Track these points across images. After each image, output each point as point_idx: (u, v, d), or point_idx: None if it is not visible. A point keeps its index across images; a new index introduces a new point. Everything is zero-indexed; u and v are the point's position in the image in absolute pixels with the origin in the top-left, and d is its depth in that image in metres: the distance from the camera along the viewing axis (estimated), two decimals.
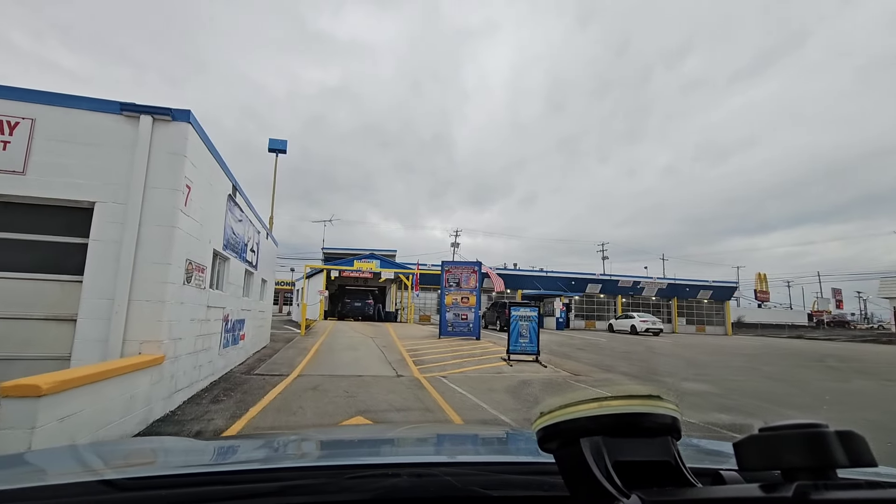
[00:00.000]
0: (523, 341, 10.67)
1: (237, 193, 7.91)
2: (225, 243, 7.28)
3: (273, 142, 16.58)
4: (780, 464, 0.56)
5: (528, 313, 10.79)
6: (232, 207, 7.62)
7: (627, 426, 0.63)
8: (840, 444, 0.53)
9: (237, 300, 8.54)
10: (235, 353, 8.70)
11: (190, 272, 5.55)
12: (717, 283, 39.98)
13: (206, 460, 1.23)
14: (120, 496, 0.78)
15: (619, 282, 37.67)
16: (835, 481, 0.54)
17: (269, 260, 13.00)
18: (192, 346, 5.86)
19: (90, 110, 4.89)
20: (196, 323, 5.98)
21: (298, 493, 0.84)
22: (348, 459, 1.23)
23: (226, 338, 7.78)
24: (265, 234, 11.82)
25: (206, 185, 5.99)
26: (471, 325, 15.18)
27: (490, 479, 0.90)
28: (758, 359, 14.79)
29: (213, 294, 6.76)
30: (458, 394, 6.98)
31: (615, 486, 0.59)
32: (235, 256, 8.16)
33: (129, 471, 0.99)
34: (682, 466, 0.65)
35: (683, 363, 12.49)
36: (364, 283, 31.84)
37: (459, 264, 15.77)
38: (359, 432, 2.23)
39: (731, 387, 8.63)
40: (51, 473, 1.01)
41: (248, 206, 9.31)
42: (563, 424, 0.64)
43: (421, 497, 0.86)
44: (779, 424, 0.57)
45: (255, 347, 11.30)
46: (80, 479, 0.85)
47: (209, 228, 6.32)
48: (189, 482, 0.85)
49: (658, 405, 0.64)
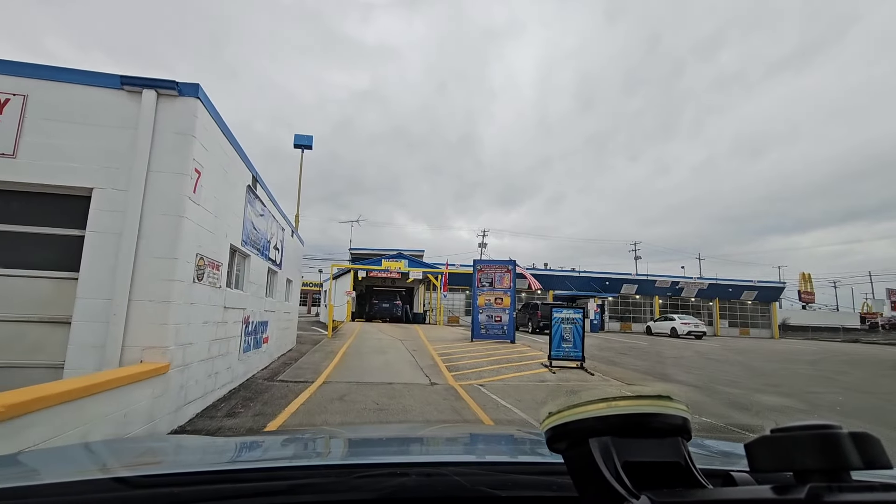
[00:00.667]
0: (566, 346, 9.74)
1: (258, 185, 7.32)
2: (244, 239, 6.69)
3: (298, 137, 16.09)
4: (793, 465, 0.55)
5: (572, 315, 9.85)
6: (252, 200, 7.03)
7: (637, 426, 0.61)
8: (854, 446, 0.52)
9: (259, 301, 7.96)
10: (258, 357, 8.13)
11: (202, 269, 4.93)
12: (763, 283, 37.68)
13: (217, 459, 1.23)
14: (132, 494, 0.79)
15: (657, 282, 35.93)
16: (849, 483, 0.53)
17: (295, 259, 12.48)
18: (205, 351, 5.25)
19: (88, 85, 4.32)
20: (211, 326, 5.37)
21: (307, 492, 0.84)
22: (357, 458, 1.25)
23: (247, 341, 7.19)
24: (290, 232, 11.29)
25: (219, 171, 5.37)
26: (505, 328, 14.29)
27: (498, 479, 0.89)
28: (824, 366, 13.35)
29: (231, 294, 6.15)
30: (501, 407, 6.15)
31: (624, 487, 0.57)
32: (257, 254, 7.57)
33: (141, 468, 1.00)
34: (692, 467, 0.63)
35: (745, 371, 11.26)
36: (392, 283, 31.31)
37: (492, 263, 14.90)
38: (368, 431, 2.23)
39: (815, 401, 7.48)
40: (64, 471, 1.02)
41: (272, 201, 8.74)
42: (572, 424, 0.62)
43: (429, 496, 0.85)
44: (791, 425, 0.56)
45: (281, 350, 10.76)
46: (93, 476, 0.89)
47: (225, 221, 5.71)
48: (199, 480, 0.86)
49: (668, 405, 0.62)
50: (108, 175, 4.25)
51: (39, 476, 0.93)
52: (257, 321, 7.88)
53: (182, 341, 4.53)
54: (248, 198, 6.76)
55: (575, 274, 35.14)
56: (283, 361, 9.84)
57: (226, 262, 5.84)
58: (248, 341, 7.31)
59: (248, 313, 7.19)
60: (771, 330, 37.68)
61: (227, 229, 5.84)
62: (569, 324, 9.80)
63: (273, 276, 9.64)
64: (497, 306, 14.41)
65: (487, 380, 8.24)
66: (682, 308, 36.77)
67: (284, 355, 10.94)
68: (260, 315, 8.06)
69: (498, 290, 14.51)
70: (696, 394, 7.84)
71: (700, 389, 8.25)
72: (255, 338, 7.82)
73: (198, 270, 4.83)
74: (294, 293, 12.65)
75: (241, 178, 6.41)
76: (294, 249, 12.19)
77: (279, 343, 10.46)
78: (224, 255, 5.75)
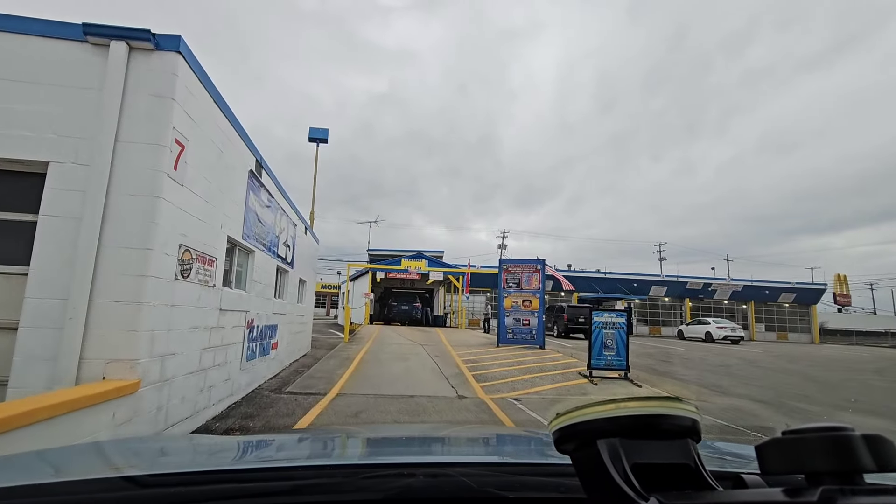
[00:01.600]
0: (609, 354, 8.67)
1: (263, 172, 6.51)
2: (246, 231, 5.87)
3: (314, 131, 15.33)
4: (805, 468, 0.54)
5: (614, 319, 8.77)
6: (256, 188, 6.22)
7: (646, 428, 0.61)
8: (867, 449, 0.51)
9: (266, 302, 7.15)
10: (265, 365, 7.32)
11: (188, 263, 4.10)
12: (802, 284, 35.61)
13: (225, 458, 1.23)
14: (140, 493, 0.79)
15: (688, 284, 34.25)
16: (861, 486, 0.52)
17: (309, 258, 11.71)
18: (195, 362, 4.42)
19: (43, 36, 3.53)
20: (202, 332, 4.54)
21: (314, 492, 0.84)
22: (363, 459, 1.29)
23: (251, 348, 6.38)
24: (303, 229, 10.51)
25: (212, 149, 4.55)
26: (534, 332, 13.23)
27: (505, 479, 0.89)
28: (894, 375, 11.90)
29: (229, 294, 5.33)
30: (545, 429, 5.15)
31: (633, 489, 0.56)
32: (263, 250, 6.76)
33: (149, 467, 1.01)
34: (702, 469, 0.63)
35: (809, 383, 9.98)
36: (411, 285, 30.43)
37: (520, 262, 13.85)
38: (375, 431, 2.19)
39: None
40: (74, 469, 1.02)
41: (281, 193, 7.94)
42: (580, 425, 0.62)
43: (436, 497, 0.84)
44: (803, 427, 0.55)
45: (293, 356, 9.97)
46: (102, 475, 0.89)
47: (221, 209, 4.89)
48: (207, 480, 0.86)
49: (677, 407, 0.61)
50: (68, 147, 3.44)
51: (49, 474, 0.94)
52: (264, 325, 7.06)
53: (160, 352, 3.68)
54: (250, 185, 5.94)
55: (601, 275, 33.73)
56: (295, 369, 9.03)
57: (222, 257, 5.02)
58: (253, 348, 6.50)
59: (253, 316, 6.38)
60: (811, 334, 35.55)
61: (224, 219, 5.02)
62: (611, 329, 8.73)
63: (283, 276, 8.83)
64: (525, 309, 13.35)
65: (522, 392, 7.25)
66: (714, 311, 34.99)
67: (297, 361, 10.14)
68: (267, 318, 7.25)
69: (526, 291, 13.46)
70: (768, 411, 6.70)
71: (771, 406, 7.08)
72: (262, 344, 7.01)
73: (182, 265, 4.00)
74: (308, 294, 11.87)
75: (242, 161, 5.59)
76: (308, 248, 11.42)
77: (291, 348, 9.67)
78: (220, 249, 4.93)
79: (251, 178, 5.96)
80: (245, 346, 6.08)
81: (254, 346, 6.52)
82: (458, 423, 5.28)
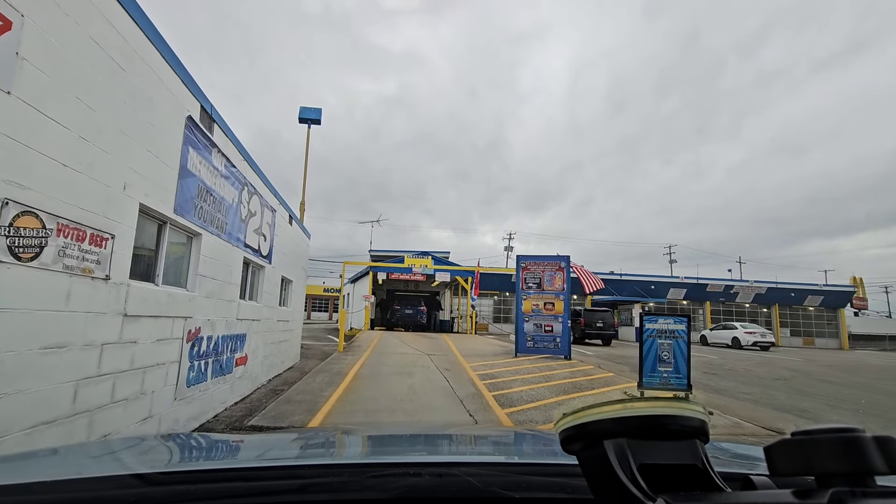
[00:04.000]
0: (665, 370, 6.87)
1: (216, 128, 4.79)
2: (183, 203, 4.14)
3: (305, 110, 13.54)
4: (814, 469, 0.52)
5: (672, 326, 6.98)
6: (202, 147, 4.50)
7: (653, 428, 0.60)
8: (878, 450, 0.50)
9: (226, 306, 5.42)
10: (226, 388, 5.58)
11: (33, 235, 2.37)
12: (830, 287, 33.61)
13: (233, 457, 1.26)
14: (149, 490, 0.79)
15: (708, 286, 32.33)
16: (872, 488, 0.50)
17: (297, 254, 9.99)
18: (63, 404, 2.68)
19: None
20: (77, 353, 2.80)
21: (320, 491, 0.84)
22: (370, 458, 1.26)
23: (197, 368, 4.64)
24: (287, 218, 8.80)
25: (99, 58, 2.84)
26: (557, 340, 11.40)
27: (511, 479, 0.88)
28: None
29: (145, 292, 3.61)
30: None
31: (640, 490, 0.56)
32: (217, 234, 5.04)
33: (158, 465, 1.01)
34: (710, 470, 0.62)
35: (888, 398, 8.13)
36: (415, 287, 28.64)
37: (541, 259, 12.01)
38: (381, 430, 2.19)
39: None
40: (83, 466, 1.03)
41: (252, 167, 6.23)
42: (587, 426, 0.60)
43: (441, 497, 0.84)
44: (813, 428, 0.54)
45: (274, 371, 8.23)
46: (112, 472, 0.90)
47: (125, 160, 3.17)
48: (215, 478, 0.87)
49: (685, 408, 0.60)
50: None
51: (59, 472, 0.95)
52: (221, 335, 5.33)
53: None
54: (191, 139, 4.22)
55: (615, 277, 31.84)
56: (274, 388, 7.29)
57: (128, 234, 3.29)
58: (201, 367, 4.76)
59: (199, 324, 4.64)
60: (839, 339, 33.50)
61: (133, 178, 3.29)
62: (667, 338, 6.93)
63: (257, 273, 7.10)
64: (547, 313, 11.53)
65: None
66: (736, 315, 33.07)
67: (279, 377, 8.41)
68: (228, 326, 5.51)
69: (548, 292, 11.63)
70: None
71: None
72: (218, 360, 5.27)
73: (15, 237, 2.27)
74: (296, 296, 10.14)
75: (174, 100, 3.88)
76: (295, 242, 9.70)
77: (271, 361, 7.93)
78: (122, 222, 3.20)
79: (192, 130, 4.24)
80: (185, 367, 4.35)
81: (202, 365, 4.79)
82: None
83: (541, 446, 1.47)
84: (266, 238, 7.16)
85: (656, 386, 6.86)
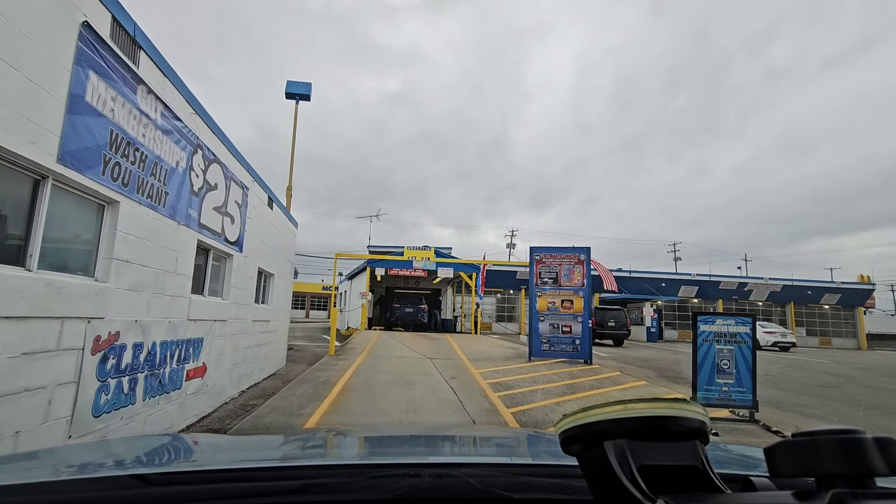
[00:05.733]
0: (725, 382, 5.57)
1: (141, 55, 3.49)
2: (79, 153, 2.83)
3: (292, 85, 12.10)
4: (815, 471, 0.51)
5: (734, 328, 5.68)
6: (117, 79, 3.19)
7: (653, 429, 0.58)
8: (879, 452, 0.49)
9: (170, 303, 4.12)
10: (173, 408, 4.29)
11: None
12: (847, 285, 32.29)
13: (233, 457, 1.22)
14: (149, 490, 0.77)
15: (721, 283, 31.01)
16: (873, 490, 0.49)
17: (280, 244, 8.69)
18: None
19: None
20: None
21: (320, 492, 0.83)
22: (370, 459, 1.26)
23: (115, 386, 3.34)
24: (266, 200, 7.49)
25: None
26: (577, 342, 10.08)
27: (511, 480, 0.87)
28: None
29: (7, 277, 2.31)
30: None
31: (640, 491, 0.54)
32: (151, 205, 3.74)
33: (158, 466, 1.01)
34: (710, 472, 0.60)
35: None
36: (416, 284, 27.30)
37: (558, 251, 10.66)
38: (381, 431, 2.13)
39: None
40: (83, 467, 1.01)
41: (206, 121, 4.93)
42: (587, 427, 0.60)
43: (441, 498, 0.83)
44: (813, 430, 0.52)
45: (247, 381, 6.94)
46: (112, 473, 0.89)
47: None
48: (215, 478, 0.86)
49: (685, 409, 0.58)
50: None
51: (59, 472, 0.93)
52: (162, 341, 4.03)
53: None
54: (92, 62, 2.91)
55: (625, 274, 30.48)
56: (244, 402, 6.00)
57: None
58: (123, 386, 3.45)
59: (115, 328, 3.33)
60: (857, 339, 32.19)
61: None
62: (728, 343, 5.64)
63: (222, 263, 5.80)
64: (565, 311, 10.21)
65: None
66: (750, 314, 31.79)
67: (256, 387, 7.12)
68: (171, 329, 4.21)
69: (566, 288, 10.31)
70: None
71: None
72: (157, 374, 3.96)
73: None
74: (279, 293, 8.84)
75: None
76: (278, 230, 8.40)
77: (243, 370, 6.64)
78: None
79: (94, 48, 2.93)
80: (90, 388, 3.04)
81: (126, 383, 3.48)
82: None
83: (541, 447, 1.46)
84: (234, 220, 5.86)
85: (715, 402, 5.56)
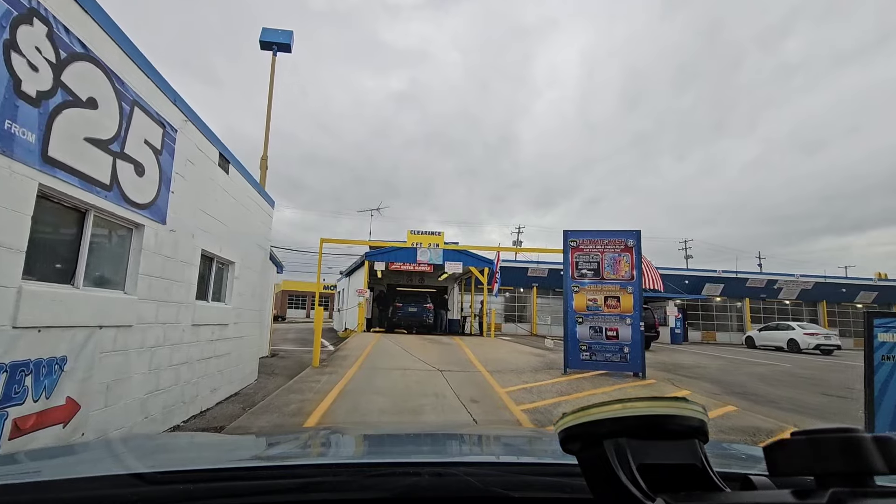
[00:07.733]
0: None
1: None
2: None
3: (268, 32, 9.97)
4: (814, 469, 0.52)
5: None
6: None
7: (653, 428, 0.58)
8: (877, 450, 0.49)
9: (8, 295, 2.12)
10: None
11: None
12: (885, 282, 29.98)
13: (232, 456, 1.22)
14: (149, 489, 0.77)
15: (748, 281, 28.82)
16: (872, 488, 0.50)
17: (239, 222, 6.67)
18: None
19: None
20: None
21: (319, 490, 0.83)
22: (369, 458, 1.26)
23: None
24: (218, 159, 5.47)
25: None
26: (626, 350, 8.00)
27: (511, 479, 0.87)
28: None
29: None
30: None
31: (640, 489, 0.54)
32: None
33: (157, 465, 1.00)
34: (709, 470, 0.60)
35: None
36: (420, 280, 25.28)
37: (600, 235, 8.47)
38: (381, 430, 2.18)
39: None
40: (83, 466, 1.02)
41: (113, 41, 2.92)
42: (587, 426, 0.59)
43: (441, 496, 0.83)
44: (813, 429, 0.54)
45: (191, 409, 4.93)
46: (111, 471, 0.87)
47: None
48: (214, 477, 0.85)
49: (684, 407, 0.59)
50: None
51: (59, 472, 0.94)
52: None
53: None
54: None
55: None
56: None
57: None
58: None
59: None
60: None
61: None
62: None
63: (119, 236, 3.78)
64: (609, 311, 8.15)
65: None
66: (779, 313, 29.64)
67: (202, 416, 5.11)
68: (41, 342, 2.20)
69: (610, 282, 8.23)
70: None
71: None
72: None
73: None
74: (247, 288, 6.82)
75: None
76: (243, 204, 6.39)
77: (172, 398, 4.63)
78: None
79: None
80: None
81: None
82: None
83: (540, 446, 1.46)
84: (144, 172, 3.83)
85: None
